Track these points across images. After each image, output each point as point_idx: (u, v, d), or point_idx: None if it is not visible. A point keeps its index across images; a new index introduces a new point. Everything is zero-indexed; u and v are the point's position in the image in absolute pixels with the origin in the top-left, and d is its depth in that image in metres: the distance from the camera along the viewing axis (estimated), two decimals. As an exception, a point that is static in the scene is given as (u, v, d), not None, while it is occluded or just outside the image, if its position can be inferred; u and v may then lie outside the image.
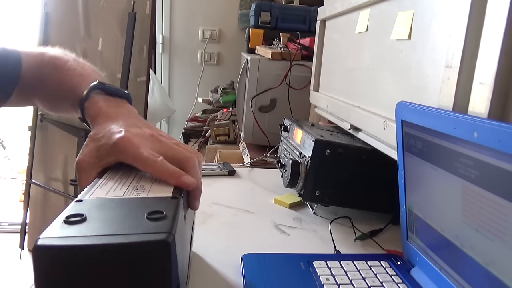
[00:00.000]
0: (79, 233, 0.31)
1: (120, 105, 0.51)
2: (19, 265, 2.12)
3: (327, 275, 0.52)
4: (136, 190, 0.40)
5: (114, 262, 0.30)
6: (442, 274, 0.46)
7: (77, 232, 0.31)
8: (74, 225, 0.32)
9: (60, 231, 0.31)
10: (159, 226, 0.32)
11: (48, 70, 0.56)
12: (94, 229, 0.32)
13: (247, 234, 0.68)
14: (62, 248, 0.30)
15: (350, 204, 0.75)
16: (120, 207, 0.36)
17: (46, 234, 0.31)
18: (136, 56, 1.84)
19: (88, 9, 1.94)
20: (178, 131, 2.38)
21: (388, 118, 0.62)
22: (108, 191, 0.39)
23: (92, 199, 0.37)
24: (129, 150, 0.43)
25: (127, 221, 0.34)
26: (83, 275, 0.30)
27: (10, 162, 3.35)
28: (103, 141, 0.44)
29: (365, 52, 0.75)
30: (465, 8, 0.44)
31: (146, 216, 0.33)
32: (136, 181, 0.42)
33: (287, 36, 1.36)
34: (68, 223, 0.32)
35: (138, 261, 0.30)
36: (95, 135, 0.46)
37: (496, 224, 0.36)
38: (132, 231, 0.31)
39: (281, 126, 0.95)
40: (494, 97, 0.40)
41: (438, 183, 0.45)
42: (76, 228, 0.32)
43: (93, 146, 0.45)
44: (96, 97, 0.51)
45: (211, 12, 2.53)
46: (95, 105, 0.50)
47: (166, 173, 0.42)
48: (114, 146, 0.43)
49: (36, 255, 0.29)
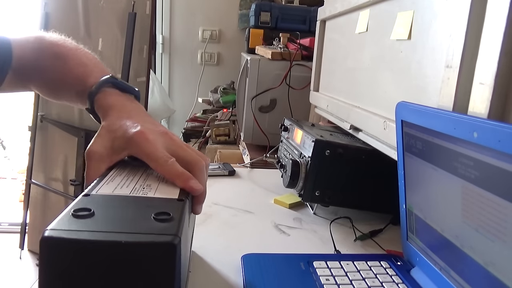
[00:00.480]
0: (87, 228, 0.31)
1: (131, 101, 0.52)
2: (19, 265, 2.12)
3: (327, 275, 0.52)
4: (143, 189, 0.40)
5: (120, 259, 0.30)
6: (442, 274, 0.46)
7: (85, 227, 0.31)
8: (82, 219, 0.32)
9: (68, 224, 0.31)
10: (166, 228, 0.32)
11: (49, 58, 0.55)
12: (102, 225, 0.32)
13: (247, 234, 0.68)
14: (70, 240, 0.30)
15: (350, 204, 0.75)
16: (127, 205, 0.36)
17: (54, 225, 0.31)
18: (136, 56, 1.84)
19: (88, 9, 1.94)
20: (178, 131, 2.38)
21: (388, 118, 0.62)
22: (115, 187, 0.40)
23: (100, 195, 0.38)
24: (144, 145, 0.43)
25: (134, 220, 0.34)
26: (88, 268, 0.30)
27: (10, 162, 3.35)
28: (119, 133, 0.44)
29: (365, 52, 0.75)
30: (465, 8, 0.44)
31: (153, 216, 0.34)
32: (143, 179, 0.43)
33: (287, 36, 1.36)
34: (76, 217, 0.32)
35: (143, 261, 0.30)
36: (109, 126, 0.46)
37: (496, 224, 0.36)
38: (139, 230, 0.32)
39: (281, 126, 0.95)
40: (494, 97, 0.40)
41: (438, 183, 0.45)
42: (84, 222, 0.32)
43: (108, 137, 0.45)
44: (108, 91, 0.51)
45: (211, 12, 2.53)
46: (107, 99, 0.50)
47: (175, 175, 0.42)
48: (130, 140, 0.43)
49: (43, 245, 0.30)
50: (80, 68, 0.53)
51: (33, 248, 2.18)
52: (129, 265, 0.30)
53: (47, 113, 2.04)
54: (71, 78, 0.53)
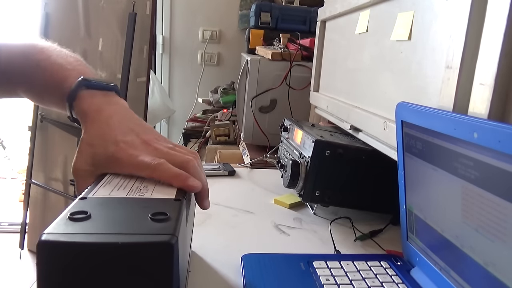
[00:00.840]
0: (83, 230, 0.31)
1: (109, 101, 0.49)
2: (19, 265, 2.12)
3: (327, 275, 0.52)
4: (139, 190, 0.40)
5: (117, 260, 0.30)
6: (442, 275, 0.47)
7: (81, 229, 0.31)
8: (79, 222, 0.32)
9: (65, 228, 0.31)
10: (163, 228, 0.32)
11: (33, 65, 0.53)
12: (99, 227, 0.32)
13: (247, 234, 0.68)
14: (67, 244, 0.30)
15: (350, 204, 0.75)
16: (123, 206, 0.37)
17: (51, 229, 0.31)
18: (136, 57, 1.84)
19: (88, 9, 1.94)
20: (178, 132, 2.38)
21: (388, 119, 0.62)
22: (112, 190, 0.40)
23: (96, 197, 0.38)
24: (127, 161, 0.42)
25: (131, 221, 0.34)
26: (86, 271, 0.30)
27: (10, 162, 3.35)
28: (99, 150, 0.43)
29: (365, 53, 0.75)
30: (465, 9, 0.44)
31: (150, 217, 0.34)
32: (139, 181, 0.43)
33: (287, 36, 1.36)
34: (73, 220, 0.32)
35: (141, 261, 0.30)
36: (88, 140, 0.45)
37: (496, 225, 0.36)
38: (136, 231, 0.32)
39: (281, 127, 0.95)
40: (494, 98, 0.40)
41: (438, 184, 0.46)
42: (80, 225, 0.32)
43: (89, 153, 0.44)
44: (83, 94, 0.48)
45: (211, 12, 2.53)
46: (82, 104, 0.48)
47: (170, 177, 0.42)
48: (111, 159, 0.43)
49: (40, 249, 0.30)
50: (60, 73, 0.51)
51: (33, 248, 2.18)
52: (127, 266, 0.30)
53: (47, 113, 2.04)
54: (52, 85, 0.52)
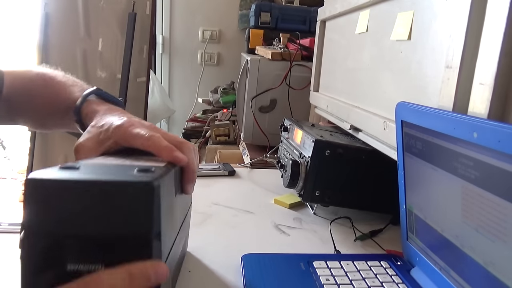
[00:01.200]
0: (72, 176, 0.33)
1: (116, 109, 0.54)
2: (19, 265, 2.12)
3: (327, 275, 0.52)
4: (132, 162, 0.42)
5: (101, 198, 0.32)
6: (442, 274, 0.47)
7: (70, 175, 0.33)
8: (68, 170, 0.34)
9: (54, 174, 0.33)
10: (147, 176, 0.34)
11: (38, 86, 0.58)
12: (87, 174, 0.34)
13: (247, 234, 0.68)
14: (54, 180, 0.32)
15: (350, 204, 0.75)
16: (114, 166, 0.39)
17: (40, 172, 0.33)
18: (136, 57, 1.85)
19: (88, 9, 1.94)
20: (178, 132, 2.38)
21: (388, 119, 0.62)
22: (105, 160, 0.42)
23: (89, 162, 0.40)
24: (129, 130, 0.45)
25: (118, 172, 0.36)
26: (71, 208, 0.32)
27: (10, 162, 3.35)
28: (105, 127, 0.47)
29: (365, 53, 0.75)
30: (465, 9, 0.44)
31: (137, 170, 0.35)
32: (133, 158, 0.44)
33: (287, 36, 1.36)
34: (63, 169, 0.34)
35: (123, 201, 0.32)
36: (96, 123, 0.48)
37: (496, 224, 0.36)
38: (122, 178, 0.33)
39: (281, 127, 0.95)
40: (494, 98, 0.40)
41: (438, 184, 0.46)
42: (70, 172, 0.34)
43: (95, 131, 0.47)
44: (93, 100, 0.54)
45: (211, 12, 2.53)
46: (92, 106, 0.53)
47: (160, 147, 0.44)
48: (115, 128, 0.46)
49: (29, 185, 0.32)
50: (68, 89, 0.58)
51: (33, 248, 2.18)
52: (110, 205, 0.32)
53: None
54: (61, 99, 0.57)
